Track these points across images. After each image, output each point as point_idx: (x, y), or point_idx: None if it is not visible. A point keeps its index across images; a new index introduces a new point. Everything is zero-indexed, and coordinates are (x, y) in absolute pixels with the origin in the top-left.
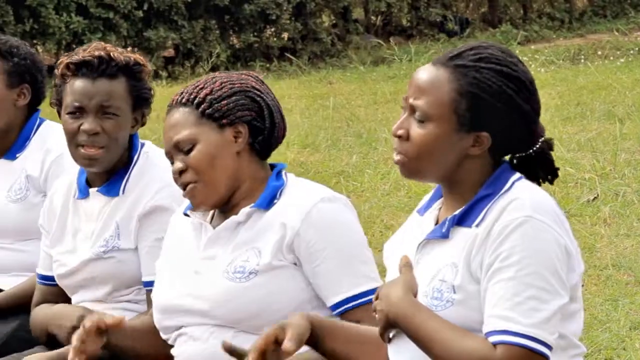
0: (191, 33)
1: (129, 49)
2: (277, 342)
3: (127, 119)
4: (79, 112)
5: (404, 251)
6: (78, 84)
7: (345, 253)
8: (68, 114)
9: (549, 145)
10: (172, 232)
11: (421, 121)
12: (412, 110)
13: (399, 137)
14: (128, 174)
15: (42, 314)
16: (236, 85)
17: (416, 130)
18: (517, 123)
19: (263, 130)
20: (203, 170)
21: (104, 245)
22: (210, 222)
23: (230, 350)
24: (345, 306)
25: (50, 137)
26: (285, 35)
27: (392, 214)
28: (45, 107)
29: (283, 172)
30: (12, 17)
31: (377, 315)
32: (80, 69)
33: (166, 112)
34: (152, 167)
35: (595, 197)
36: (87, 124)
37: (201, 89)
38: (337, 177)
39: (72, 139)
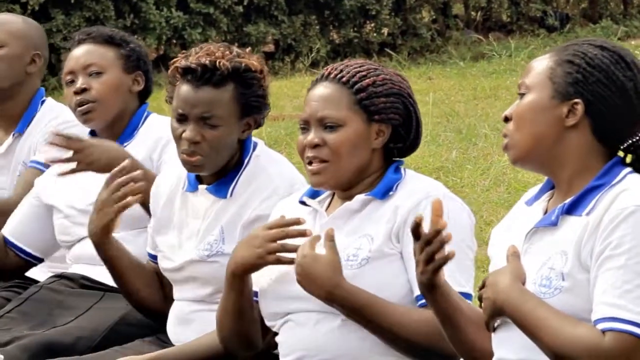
0: (291, 28)
1: (240, 47)
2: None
3: (232, 128)
4: (182, 118)
5: (511, 240)
6: (183, 89)
7: None
8: (174, 118)
9: None
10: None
11: (523, 95)
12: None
13: (506, 120)
14: (238, 177)
15: None
16: (396, 87)
17: (518, 105)
18: (617, 98)
19: (404, 138)
20: (340, 154)
21: (208, 249)
22: (326, 210)
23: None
24: (422, 301)
25: (158, 126)
26: (385, 30)
27: (491, 209)
28: (151, 101)
29: (402, 167)
30: (113, 12)
31: (483, 304)
32: (186, 74)
33: (315, 81)
34: (262, 172)
35: None
36: (188, 132)
37: (364, 76)
38: (437, 172)
39: (177, 143)
